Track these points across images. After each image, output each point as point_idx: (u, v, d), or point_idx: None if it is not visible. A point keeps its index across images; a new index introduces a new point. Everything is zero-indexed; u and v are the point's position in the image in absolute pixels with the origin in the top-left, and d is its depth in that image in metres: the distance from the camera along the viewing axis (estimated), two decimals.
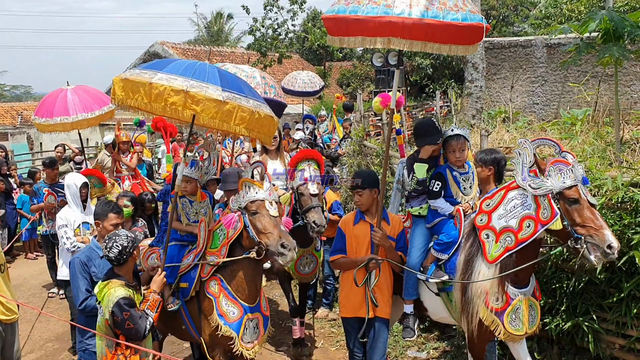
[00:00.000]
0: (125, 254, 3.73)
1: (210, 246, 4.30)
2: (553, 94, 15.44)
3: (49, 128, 7.57)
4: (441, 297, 4.31)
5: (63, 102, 7.50)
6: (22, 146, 20.06)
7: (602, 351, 4.54)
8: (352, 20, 3.86)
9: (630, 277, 4.27)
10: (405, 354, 5.81)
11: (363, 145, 9.44)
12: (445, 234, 4.22)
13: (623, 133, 7.11)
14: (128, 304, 3.67)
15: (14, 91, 49.38)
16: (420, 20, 3.66)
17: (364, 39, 3.91)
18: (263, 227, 3.95)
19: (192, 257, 4.36)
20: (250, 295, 4.19)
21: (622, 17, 5.84)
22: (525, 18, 23.94)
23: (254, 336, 4.20)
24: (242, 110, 3.86)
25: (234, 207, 4.18)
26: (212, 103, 3.74)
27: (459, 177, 4.32)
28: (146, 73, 3.88)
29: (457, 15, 3.71)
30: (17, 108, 27.51)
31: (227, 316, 4.11)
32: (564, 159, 3.67)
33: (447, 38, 3.81)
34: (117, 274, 3.80)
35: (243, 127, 3.91)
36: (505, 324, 3.85)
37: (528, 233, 3.72)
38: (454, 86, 21.11)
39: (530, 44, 16.13)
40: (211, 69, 4.02)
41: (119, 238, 3.74)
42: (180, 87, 3.71)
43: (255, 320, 4.22)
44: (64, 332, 6.81)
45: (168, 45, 25.35)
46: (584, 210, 3.55)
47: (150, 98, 3.77)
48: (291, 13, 24.86)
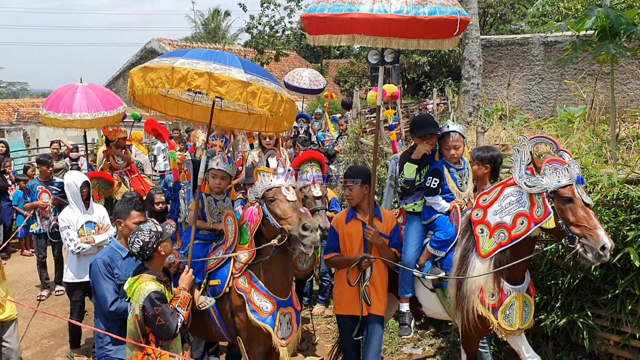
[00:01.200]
0: (148, 249, 3.58)
1: (240, 242, 4.17)
2: (550, 91, 15.47)
3: (52, 122, 7.43)
4: (436, 293, 4.32)
5: (70, 99, 7.37)
6: (19, 143, 20.01)
7: (597, 347, 4.56)
8: (320, 18, 3.88)
9: (625, 273, 4.28)
10: (401, 350, 5.82)
11: (359, 142, 9.44)
12: (442, 231, 4.22)
13: (619, 131, 7.12)
14: (160, 298, 3.49)
15: (10, 88, 49.21)
16: (383, 16, 3.64)
17: (330, 36, 3.92)
18: (282, 213, 3.84)
19: (222, 253, 4.21)
20: (282, 289, 4.08)
21: (619, 14, 5.84)
22: (522, 16, 23.97)
23: (288, 332, 4.09)
24: (265, 91, 3.78)
25: (252, 198, 4.09)
26: (236, 84, 3.68)
27: (455, 174, 4.34)
28: (166, 60, 3.81)
29: (424, 9, 3.67)
30: (13, 105, 27.38)
31: (261, 311, 3.99)
32: (560, 158, 3.68)
33: (413, 33, 3.77)
34: (147, 268, 3.65)
35: (267, 108, 3.83)
36: (499, 320, 3.87)
37: (521, 230, 3.74)
38: (451, 84, 21.09)
39: (527, 41, 16.15)
40: (230, 55, 3.98)
41: (141, 233, 3.60)
42: (203, 69, 3.64)
43: (288, 315, 4.11)
44: (60, 328, 6.81)
45: (165, 42, 25.29)
46: (577, 209, 3.56)
47: (173, 83, 3.68)
48: (288, 10, 24.83)
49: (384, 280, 4.41)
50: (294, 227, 3.74)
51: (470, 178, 4.42)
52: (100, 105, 7.42)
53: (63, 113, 7.22)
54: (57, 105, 7.32)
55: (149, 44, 25.45)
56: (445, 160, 4.35)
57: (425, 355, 5.69)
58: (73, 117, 7.21)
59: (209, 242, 4.48)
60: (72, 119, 7.23)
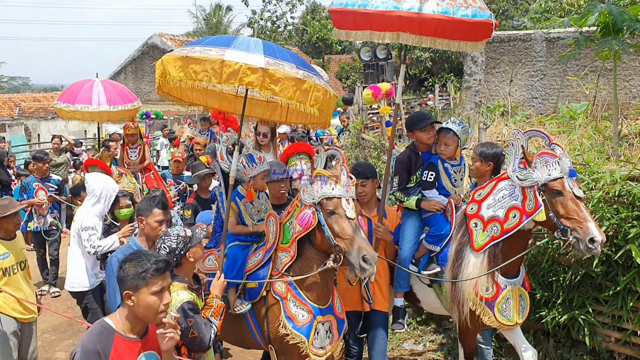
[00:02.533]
0: (176, 256, 3.28)
1: (282, 241, 3.85)
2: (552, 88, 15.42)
3: (68, 114, 7.47)
4: (433, 288, 4.35)
5: (88, 92, 7.41)
6: (20, 137, 20.05)
7: (598, 344, 4.56)
8: (360, 14, 3.80)
9: (627, 270, 4.28)
10: (402, 346, 5.82)
11: (361, 138, 9.43)
12: (437, 226, 4.26)
13: (621, 127, 7.09)
14: (193, 309, 3.20)
15: (11, 82, 49.28)
16: (431, 16, 3.63)
17: (372, 33, 3.86)
18: (341, 232, 3.48)
19: (262, 254, 3.92)
20: (321, 296, 3.78)
21: (622, 10, 5.81)
22: (524, 12, 23.89)
23: (326, 341, 3.75)
24: (316, 89, 3.48)
25: (306, 199, 3.65)
26: (291, 82, 3.36)
27: (450, 169, 4.39)
28: (211, 50, 3.42)
29: (467, 11, 3.70)
30: (14, 99, 27.43)
31: (296, 319, 3.69)
32: (551, 152, 3.72)
33: (457, 34, 3.80)
34: (176, 275, 3.31)
35: (317, 108, 3.49)
36: (496, 313, 3.89)
37: (513, 223, 3.78)
38: (453, 80, 21.07)
39: (530, 37, 16.08)
40: (276, 46, 3.63)
41: (167, 239, 3.32)
42: (257, 64, 3.30)
43: (327, 323, 3.78)
44: (61, 323, 6.83)
45: (166, 37, 25.27)
46: (567, 202, 3.59)
47: (221, 78, 3.33)
48: (290, 5, 24.80)
49: (387, 276, 4.41)
50: (354, 254, 3.40)
51: (466, 175, 4.48)
52: (118, 99, 7.51)
53: (82, 105, 7.27)
54: (74, 98, 7.38)
55: (150, 39, 25.45)
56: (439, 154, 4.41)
57: (426, 351, 5.69)
58: (93, 109, 7.29)
59: (249, 243, 4.17)
60: (91, 111, 7.31)
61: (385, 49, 21.18)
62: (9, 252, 4.58)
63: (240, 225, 4.17)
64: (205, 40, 3.68)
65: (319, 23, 27.03)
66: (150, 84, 20.13)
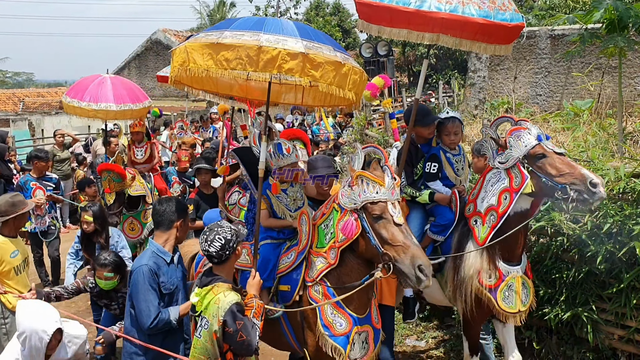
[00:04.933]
0: (229, 249, 3.12)
1: (317, 245, 3.57)
2: (556, 85, 15.37)
3: (75, 110, 7.21)
4: (436, 278, 4.35)
5: (96, 88, 7.11)
6: (24, 132, 20.07)
7: (601, 341, 4.55)
8: (399, 11, 3.66)
9: (630, 268, 4.27)
10: (404, 342, 5.83)
11: (364, 134, 9.42)
12: (441, 216, 4.30)
13: (626, 124, 7.07)
14: (241, 310, 3.03)
15: (15, 78, 49.26)
16: (474, 19, 3.58)
17: (410, 32, 3.75)
18: (391, 238, 3.19)
19: (294, 256, 3.67)
20: (360, 305, 3.51)
21: (628, 7, 5.78)
22: (529, 9, 23.80)
23: (363, 351, 3.52)
24: (354, 72, 3.21)
25: (347, 204, 3.37)
26: (330, 66, 3.08)
27: (452, 159, 4.44)
28: (243, 34, 3.09)
29: (505, 15, 3.68)
30: (18, 95, 27.45)
31: (334, 328, 3.43)
32: (519, 126, 3.87)
33: (495, 38, 3.76)
34: (218, 275, 3.16)
35: (354, 92, 3.24)
36: (499, 300, 3.91)
37: (506, 205, 3.84)
38: (457, 76, 21.02)
39: (534, 34, 16.01)
40: (307, 25, 3.37)
41: (222, 230, 3.13)
42: (296, 49, 3.00)
43: (364, 333, 3.53)
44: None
45: (170, 33, 25.28)
46: (555, 160, 3.67)
47: (258, 66, 3.01)
48: (294, 1, 24.76)
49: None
50: (407, 263, 3.12)
51: (466, 164, 4.53)
52: (126, 98, 7.18)
53: (88, 102, 7.02)
54: (82, 94, 7.11)
55: (154, 35, 25.45)
56: (442, 146, 4.45)
57: (429, 347, 5.69)
58: (98, 107, 6.92)
59: (282, 241, 3.87)
60: (97, 109, 6.93)
61: (386, 45, 21.12)
62: (17, 249, 4.55)
63: (272, 218, 3.85)
64: (231, 23, 3.30)
65: (322, 19, 26.97)
66: (154, 80, 20.10)
